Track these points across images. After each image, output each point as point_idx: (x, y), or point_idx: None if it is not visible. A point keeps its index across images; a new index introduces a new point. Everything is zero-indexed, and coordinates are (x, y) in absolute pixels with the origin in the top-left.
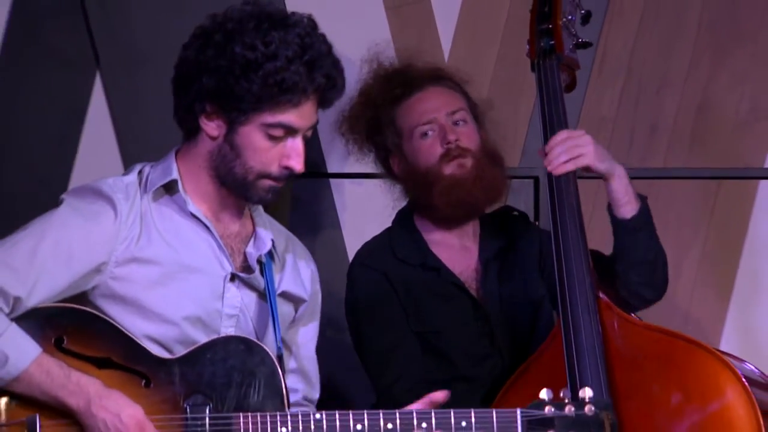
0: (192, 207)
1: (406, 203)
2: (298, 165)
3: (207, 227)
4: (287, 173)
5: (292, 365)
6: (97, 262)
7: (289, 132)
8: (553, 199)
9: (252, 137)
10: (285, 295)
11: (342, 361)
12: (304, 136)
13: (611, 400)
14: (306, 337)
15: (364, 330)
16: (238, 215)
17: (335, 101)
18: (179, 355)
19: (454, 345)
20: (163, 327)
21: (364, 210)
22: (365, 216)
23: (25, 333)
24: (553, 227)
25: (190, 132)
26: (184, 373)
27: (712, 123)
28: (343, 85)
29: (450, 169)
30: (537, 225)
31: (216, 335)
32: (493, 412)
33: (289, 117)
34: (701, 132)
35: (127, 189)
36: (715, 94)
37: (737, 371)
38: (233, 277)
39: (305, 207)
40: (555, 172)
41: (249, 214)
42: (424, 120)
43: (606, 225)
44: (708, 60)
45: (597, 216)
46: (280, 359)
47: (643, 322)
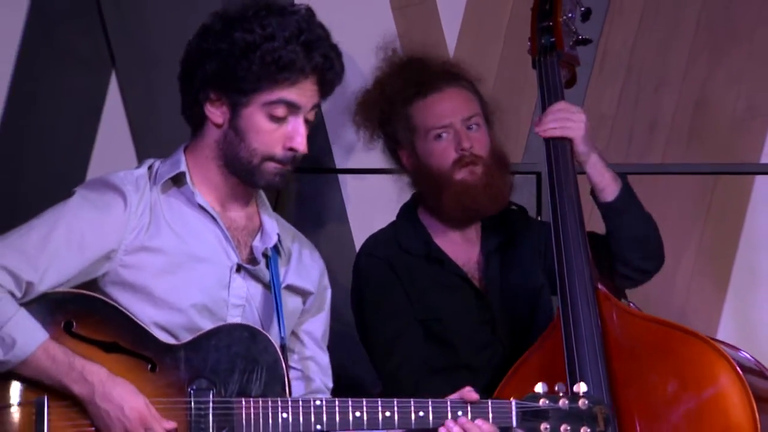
0: (199, 198)
1: (410, 198)
2: (301, 146)
3: (214, 219)
4: (291, 155)
5: (307, 353)
6: (107, 249)
7: (291, 110)
8: (554, 193)
9: (254, 119)
10: (291, 288)
11: (349, 354)
12: (306, 119)
13: (608, 389)
14: (315, 327)
15: (369, 318)
16: (245, 209)
17: (335, 85)
18: (185, 341)
19: (456, 332)
20: (171, 314)
21: (371, 204)
22: (372, 210)
23: (34, 318)
24: (553, 220)
25: (197, 125)
26: (189, 359)
27: (709, 120)
28: (342, 69)
29: (461, 175)
30: (535, 218)
31: (222, 323)
32: (489, 402)
33: (289, 93)
34: (699, 129)
35: (137, 181)
36: (713, 91)
37: (731, 359)
38: (239, 268)
39: (313, 202)
40: (542, 134)
41: (257, 209)
42: (440, 124)
43: None
44: (705, 59)
45: (597, 211)
46: (283, 349)
47: (641, 312)
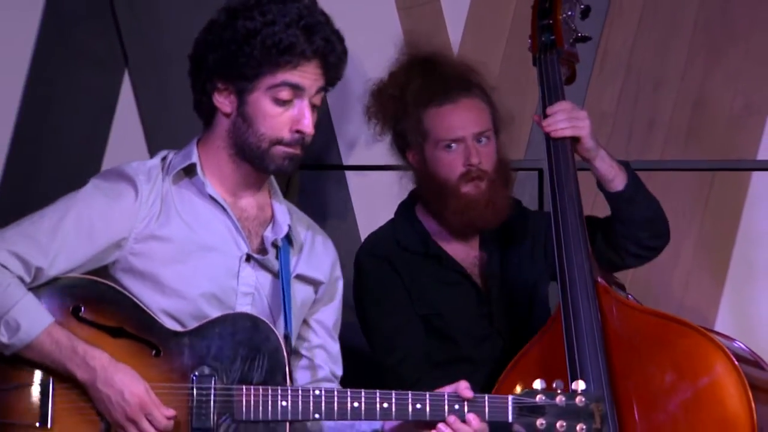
0: (210, 189)
1: (407, 195)
2: (307, 128)
3: (224, 209)
4: (299, 137)
5: (316, 341)
6: (117, 237)
7: (295, 93)
8: (554, 189)
9: (260, 104)
10: (302, 278)
11: (355, 347)
12: (312, 103)
13: (608, 381)
14: (326, 317)
15: (370, 315)
16: (257, 199)
17: (341, 69)
18: (189, 328)
19: (456, 327)
20: (179, 302)
21: (377, 200)
22: (378, 206)
23: (40, 303)
24: (554, 216)
25: (208, 117)
26: (192, 346)
27: (707, 118)
28: (344, 52)
29: (467, 188)
30: (529, 209)
31: (228, 312)
32: (485, 397)
33: (292, 76)
34: (697, 126)
35: (150, 171)
36: (710, 90)
37: (726, 348)
38: (248, 258)
39: (319, 198)
40: (553, 134)
41: (269, 199)
42: (451, 136)
43: (606, 211)
44: (703, 58)
45: (598, 202)
46: (287, 338)
47: (640, 305)
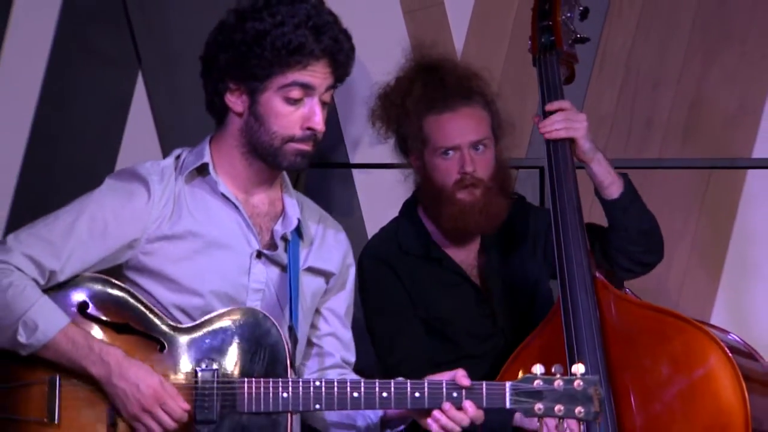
0: (222, 188)
1: (412, 194)
2: (318, 125)
3: (236, 207)
4: (310, 134)
5: (327, 329)
6: (130, 238)
7: (305, 92)
8: (553, 186)
9: (272, 103)
10: (312, 270)
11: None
12: (322, 101)
13: (606, 373)
14: (338, 305)
15: (371, 315)
16: (269, 194)
17: (349, 67)
18: (193, 324)
19: (458, 328)
20: (192, 298)
21: (383, 198)
22: (384, 203)
23: (55, 304)
24: (553, 212)
25: (220, 117)
26: (196, 340)
27: (703, 117)
28: (352, 49)
29: (461, 195)
30: (532, 206)
31: (231, 308)
32: (483, 384)
33: (301, 76)
34: (694, 125)
35: (163, 171)
36: (707, 90)
37: (719, 340)
38: (259, 254)
39: (326, 196)
40: (547, 136)
41: (280, 194)
42: (448, 144)
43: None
44: (700, 59)
45: (597, 206)
46: (291, 330)
47: (637, 300)
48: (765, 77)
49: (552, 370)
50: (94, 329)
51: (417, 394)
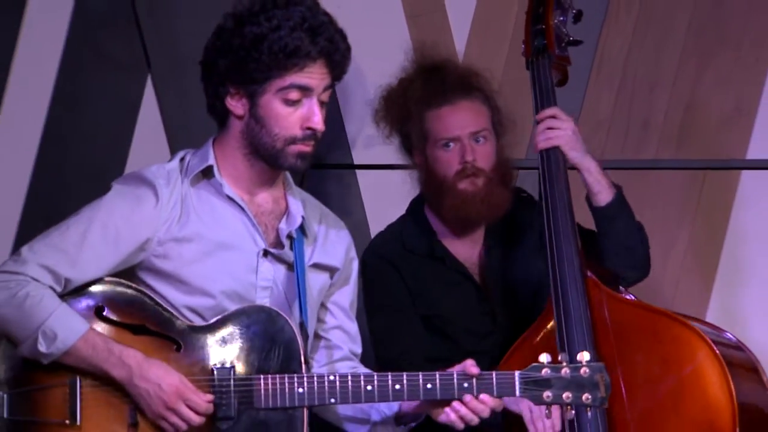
0: (227, 189)
1: (418, 193)
2: (318, 124)
3: (241, 207)
4: (311, 134)
5: (334, 323)
6: (141, 241)
7: (304, 93)
8: (545, 187)
9: (272, 106)
10: (318, 266)
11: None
12: (321, 101)
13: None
14: (342, 298)
15: (372, 310)
16: (272, 193)
17: (345, 66)
18: (208, 323)
19: (458, 326)
20: (203, 299)
21: (387, 198)
22: (388, 204)
23: (73, 311)
24: (545, 213)
25: (222, 120)
26: (212, 339)
27: (698, 119)
28: (348, 49)
29: (463, 185)
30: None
31: (245, 306)
32: (493, 374)
33: (299, 78)
34: (689, 127)
35: (169, 175)
36: (702, 93)
37: (707, 337)
38: (265, 253)
39: (330, 196)
40: (533, 150)
41: (284, 192)
42: (448, 135)
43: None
44: (695, 63)
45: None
46: (302, 326)
47: (628, 299)
48: (759, 80)
49: (558, 358)
50: (111, 332)
51: (429, 385)
